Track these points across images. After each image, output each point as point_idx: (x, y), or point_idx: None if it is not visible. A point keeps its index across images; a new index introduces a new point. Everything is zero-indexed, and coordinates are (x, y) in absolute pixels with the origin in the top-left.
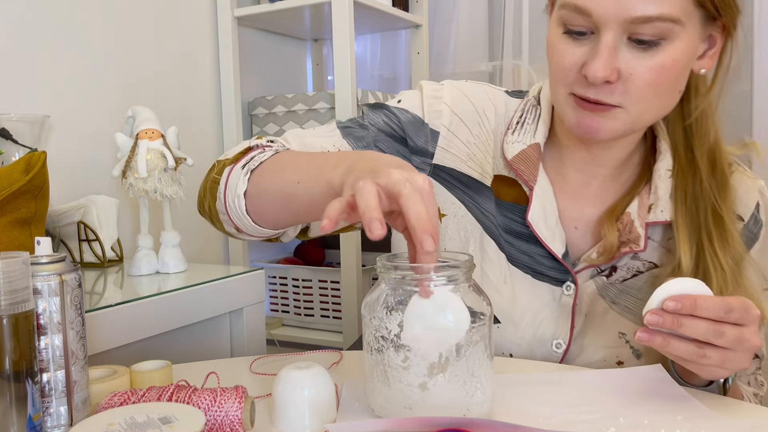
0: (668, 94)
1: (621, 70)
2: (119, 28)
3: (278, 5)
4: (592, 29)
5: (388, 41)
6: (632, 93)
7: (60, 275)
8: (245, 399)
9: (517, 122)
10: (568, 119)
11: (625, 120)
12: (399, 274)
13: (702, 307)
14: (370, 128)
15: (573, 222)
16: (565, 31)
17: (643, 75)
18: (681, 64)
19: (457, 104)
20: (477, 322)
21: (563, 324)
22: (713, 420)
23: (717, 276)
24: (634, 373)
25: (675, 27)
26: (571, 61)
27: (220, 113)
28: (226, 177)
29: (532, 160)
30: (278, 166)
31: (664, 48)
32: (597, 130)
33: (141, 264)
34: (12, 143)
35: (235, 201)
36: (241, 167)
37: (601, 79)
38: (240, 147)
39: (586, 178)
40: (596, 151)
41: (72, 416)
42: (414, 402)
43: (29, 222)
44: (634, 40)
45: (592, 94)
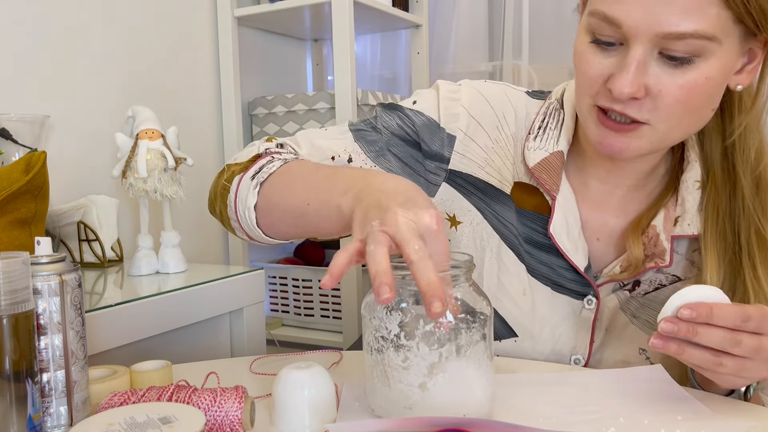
0: (699, 112)
1: (649, 86)
2: (119, 28)
3: (278, 5)
4: (621, 41)
5: (388, 41)
6: (661, 110)
7: (60, 275)
8: (245, 399)
9: (539, 127)
10: (591, 135)
11: (651, 138)
12: (399, 274)
13: (718, 316)
14: (384, 132)
15: (595, 233)
16: (593, 40)
17: (672, 92)
18: (715, 83)
19: (475, 106)
20: (477, 321)
21: (583, 338)
22: (713, 420)
23: (758, 301)
24: (634, 373)
25: (711, 44)
26: (598, 72)
27: (220, 113)
28: (236, 186)
29: (554, 169)
30: (288, 181)
31: (697, 66)
32: (621, 151)
33: (141, 264)
34: (12, 143)
35: (246, 213)
36: (250, 178)
37: (627, 95)
38: (249, 152)
39: (610, 188)
40: (620, 162)
41: (72, 416)
42: (414, 402)
43: (29, 222)
44: (666, 56)
45: (618, 108)
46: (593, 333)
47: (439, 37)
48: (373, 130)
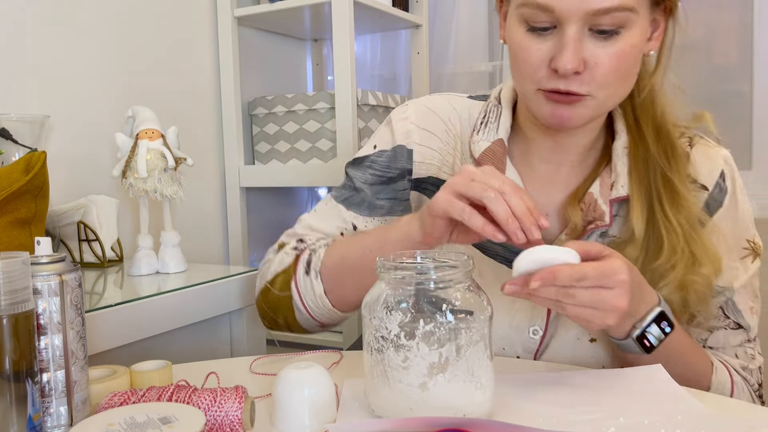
0: (628, 77)
1: (586, 59)
2: (119, 28)
3: (278, 5)
4: (554, 24)
5: (388, 41)
6: (598, 80)
7: (60, 275)
8: (245, 399)
9: (481, 123)
10: (540, 113)
11: (593, 106)
12: (399, 274)
13: (559, 279)
14: (364, 188)
15: (544, 209)
16: (528, 29)
17: (606, 62)
18: (638, 49)
19: (423, 119)
20: (477, 321)
21: (540, 310)
22: (713, 420)
23: (669, 237)
24: (634, 373)
25: (631, 15)
26: (539, 57)
27: (220, 113)
28: (296, 290)
29: (498, 155)
30: (337, 256)
31: (622, 36)
32: (570, 119)
33: (141, 264)
34: (12, 143)
35: (319, 302)
36: (305, 274)
37: (571, 71)
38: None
39: (554, 166)
40: (561, 138)
41: (72, 416)
42: (414, 402)
43: (29, 222)
44: (596, 30)
45: (562, 86)
46: None
47: (439, 37)
48: (355, 192)
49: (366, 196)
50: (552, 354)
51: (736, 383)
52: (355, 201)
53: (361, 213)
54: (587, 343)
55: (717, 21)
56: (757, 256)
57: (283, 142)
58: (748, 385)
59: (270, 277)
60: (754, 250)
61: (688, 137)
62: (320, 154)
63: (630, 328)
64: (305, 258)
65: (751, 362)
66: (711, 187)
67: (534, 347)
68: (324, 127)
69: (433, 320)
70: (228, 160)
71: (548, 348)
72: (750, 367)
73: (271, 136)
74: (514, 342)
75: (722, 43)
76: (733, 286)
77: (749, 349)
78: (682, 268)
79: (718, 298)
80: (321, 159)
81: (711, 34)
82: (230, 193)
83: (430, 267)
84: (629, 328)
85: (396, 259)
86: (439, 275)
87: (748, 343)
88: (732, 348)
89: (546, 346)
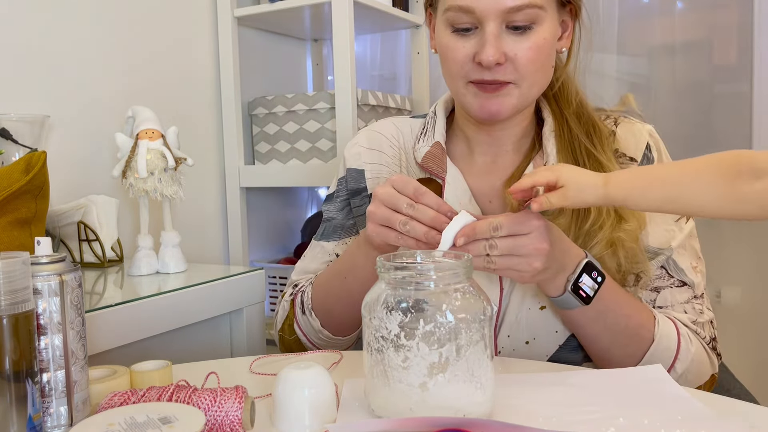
0: (545, 68)
1: (506, 52)
2: (119, 28)
3: (278, 5)
4: (476, 24)
5: (388, 41)
6: (520, 70)
7: (60, 275)
8: (245, 399)
9: (421, 133)
10: (471, 107)
11: (517, 95)
12: (399, 274)
13: (479, 231)
14: (335, 216)
15: (487, 197)
16: (453, 31)
17: (524, 54)
18: (549, 43)
19: (370, 140)
20: (477, 321)
21: (494, 289)
22: (713, 420)
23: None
24: (634, 373)
25: (540, 12)
26: (464, 54)
27: (220, 113)
28: (300, 331)
29: (438, 156)
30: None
31: (535, 30)
32: (498, 111)
33: (141, 264)
34: (12, 143)
35: (320, 336)
36: (302, 314)
37: (493, 62)
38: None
39: (492, 157)
40: (497, 132)
41: (72, 416)
42: (414, 402)
43: (29, 222)
44: (511, 27)
45: (488, 76)
46: (501, 282)
47: None
48: (329, 223)
49: (337, 222)
50: (508, 327)
51: (682, 335)
52: (330, 230)
53: (339, 238)
54: (538, 312)
55: (717, 21)
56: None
57: (283, 142)
58: (699, 338)
59: (279, 326)
60: None
61: (614, 118)
62: (320, 154)
63: (564, 283)
64: (299, 300)
65: (700, 316)
66: (639, 158)
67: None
68: (324, 127)
69: (433, 320)
70: (228, 160)
71: (504, 322)
72: (699, 321)
73: (271, 136)
74: None
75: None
76: (671, 246)
77: (696, 305)
78: (609, 227)
79: (659, 258)
80: (321, 159)
81: (711, 34)
82: (230, 193)
83: (430, 267)
84: (563, 283)
85: (396, 259)
86: (439, 275)
87: (695, 299)
88: (680, 305)
89: (502, 319)
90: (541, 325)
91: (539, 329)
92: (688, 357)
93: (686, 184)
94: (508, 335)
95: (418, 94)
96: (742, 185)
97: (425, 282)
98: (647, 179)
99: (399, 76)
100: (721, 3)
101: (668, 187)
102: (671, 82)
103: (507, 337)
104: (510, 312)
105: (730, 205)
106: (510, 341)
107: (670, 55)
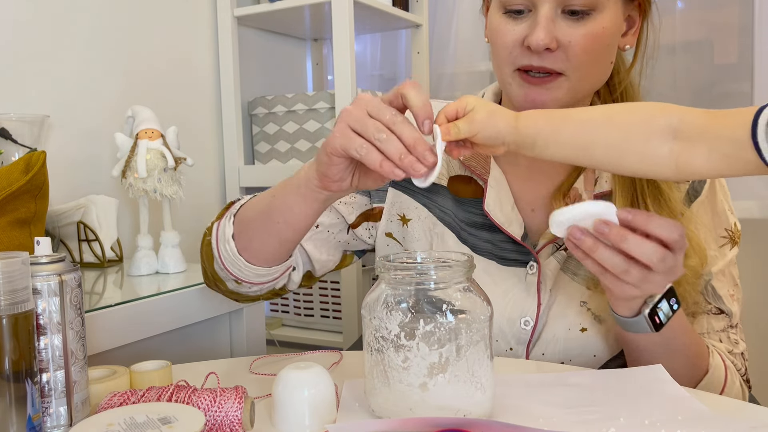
0: (602, 62)
1: (559, 38)
2: (119, 28)
3: (278, 5)
4: (529, 7)
5: (388, 41)
6: (572, 59)
7: (60, 275)
8: (245, 399)
9: None
10: (516, 96)
11: (567, 88)
12: (399, 274)
13: (656, 225)
14: None
15: (530, 205)
16: (505, 12)
17: (579, 42)
18: (610, 32)
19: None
20: (477, 321)
21: (530, 302)
22: (713, 420)
23: None
24: (634, 373)
25: None
26: (513, 37)
27: (220, 113)
28: (215, 232)
29: (481, 155)
30: (257, 198)
31: (594, 18)
32: (543, 102)
33: (141, 264)
34: (12, 143)
35: (226, 247)
36: (226, 218)
37: (543, 46)
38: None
39: (538, 162)
40: None
41: (72, 416)
42: (414, 402)
43: (29, 222)
44: (568, 11)
45: (536, 62)
46: (539, 295)
47: (439, 37)
48: None
49: None
50: (544, 345)
51: (728, 368)
52: None
53: None
54: (578, 333)
55: (717, 21)
56: (735, 244)
57: (283, 142)
58: (736, 370)
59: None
60: (732, 238)
61: None
62: None
63: (641, 305)
64: (235, 205)
65: (735, 347)
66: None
67: (526, 338)
68: (324, 127)
69: (433, 320)
70: (228, 160)
71: (540, 339)
72: (735, 352)
73: (271, 136)
74: (506, 333)
75: (722, 43)
76: (711, 271)
77: (732, 334)
78: None
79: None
80: None
81: (711, 34)
82: (230, 193)
83: (430, 267)
84: (640, 305)
85: (396, 259)
86: (439, 275)
87: (730, 328)
88: (716, 333)
89: (537, 337)
90: (580, 348)
91: (577, 352)
92: (732, 391)
93: (603, 132)
94: (542, 353)
95: None
96: (661, 145)
97: (425, 282)
98: (563, 118)
99: (399, 76)
100: (721, 3)
101: (584, 130)
102: (672, 82)
103: (541, 354)
104: (547, 330)
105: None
106: (544, 360)
107: (670, 55)
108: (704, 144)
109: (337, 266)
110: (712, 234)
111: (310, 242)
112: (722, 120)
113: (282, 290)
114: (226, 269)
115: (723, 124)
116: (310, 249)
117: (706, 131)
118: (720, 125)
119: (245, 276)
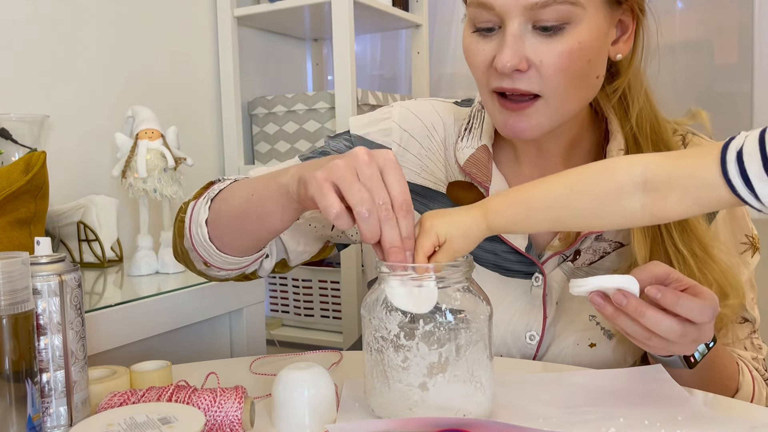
0: (583, 79)
1: (529, 57)
2: (119, 27)
3: (278, 5)
4: (498, 23)
5: (388, 41)
6: (547, 80)
7: (60, 275)
8: (245, 399)
9: (465, 129)
10: (497, 123)
11: (547, 112)
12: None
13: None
14: (332, 154)
15: None
16: (474, 30)
17: (552, 61)
18: (588, 47)
19: (405, 121)
20: (476, 321)
21: (536, 315)
22: (713, 420)
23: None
24: (634, 373)
25: (576, 9)
26: (483, 57)
27: (220, 113)
28: (190, 212)
29: (483, 162)
30: (236, 189)
31: (568, 32)
32: (523, 130)
33: (141, 264)
34: (12, 143)
35: (198, 231)
36: (203, 199)
37: (510, 68)
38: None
39: (541, 170)
40: (542, 143)
41: (72, 416)
42: (414, 402)
43: (29, 222)
44: (539, 27)
45: (507, 84)
46: (545, 308)
47: (439, 37)
48: (322, 155)
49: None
50: (550, 360)
51: (756, 379)
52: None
53: None
54: (587, 349)
55: (717, 21)
56: (756, 250)
57: (283, 142)
58: (760, 375)
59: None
60: (753, 244)
61: (681, 135)
62: None
63: None
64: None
65: (759, 352)
66: None
67: (531, 353)
68: (324, 127)
69: (433, 320)
70: (228, 160)
71: (546, 354)
72: (759, 357)
73: (271, 136)
74: (510, 347)
75: (722, 43)
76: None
77: (755, 339)
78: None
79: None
80: None
81: (711, 34)
82: None
83: (430, 266)
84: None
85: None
86: (438, 275)
87: (753, 334)
88: (740, 341)
89: (544, 351)
90: (588, 363)
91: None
92: (761, 402)
93: (571, 204)
94: None
95: (418, 94)
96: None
97: (425, 282)
98: (527, 204)
99: (399, 76)
100: (721, 3)
101: (551, 209)
102: (672, 82)
103: None
104: (555, 345)
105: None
106: None
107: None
108: (674, 191)
109: (314, 257)
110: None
111: (288, 232)
112: (687, 162)
113: (252, 275)
114: (196, 251)
115: (689, 167)
116: (286, 239)
117: (672, 178)
118: (686, 168)
119: (215, 262)
